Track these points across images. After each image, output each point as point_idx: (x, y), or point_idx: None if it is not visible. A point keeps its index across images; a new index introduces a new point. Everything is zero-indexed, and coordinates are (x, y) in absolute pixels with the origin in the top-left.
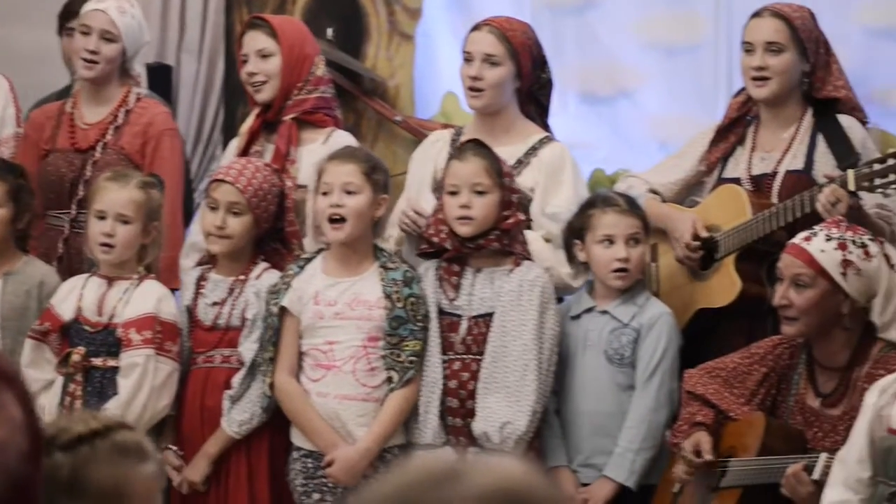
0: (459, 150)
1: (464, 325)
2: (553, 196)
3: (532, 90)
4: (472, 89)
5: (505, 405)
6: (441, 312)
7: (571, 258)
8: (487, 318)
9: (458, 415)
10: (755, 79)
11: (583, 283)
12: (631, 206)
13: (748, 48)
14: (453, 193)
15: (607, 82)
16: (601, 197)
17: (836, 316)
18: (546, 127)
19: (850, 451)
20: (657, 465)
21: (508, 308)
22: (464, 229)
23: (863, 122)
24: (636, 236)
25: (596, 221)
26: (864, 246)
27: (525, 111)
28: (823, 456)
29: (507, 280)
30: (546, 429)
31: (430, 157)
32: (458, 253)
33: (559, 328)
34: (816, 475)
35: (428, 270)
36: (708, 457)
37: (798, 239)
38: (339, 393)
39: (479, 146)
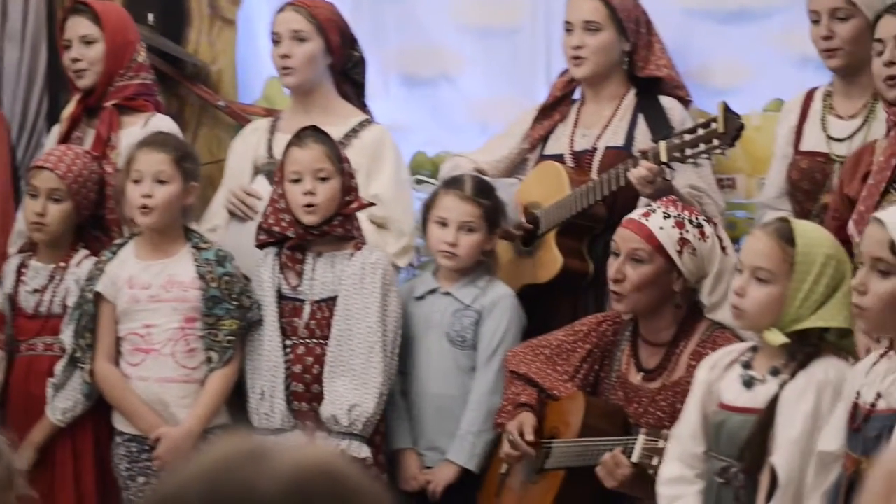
0: (298, 136)
1: (307, 310)
2: (375, 178)
3: (346, 69)
4: (283, 68)
5: (352, 388)
6: (282, 298)
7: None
8: (330, 302)
9: (304, 399)
10: (574, 58)
11: (408, 263)
12: (477, 193)
13: (568, 27)
14: (296, 181)
15: (428, 65)
16: (451, 179)
17: (667, 293)
18: (364, 107)
19: (683, 426)
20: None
21: (351, 291)
22: (309, 218)
23: (685, 100)
24: (470, 224)
25: (438, 201)
26: (699, 226)
27: (341, 91)
28: (641, 438)
29: (349, 264)
30: (391, 411)
31: (249, 145)
32: (302, 241)
33: (402, 310)
34: (635, 457)
35: (267, 256)
36: (529, 437)
37: (636, 215)
38: (160, 376)
39: (317, 132)
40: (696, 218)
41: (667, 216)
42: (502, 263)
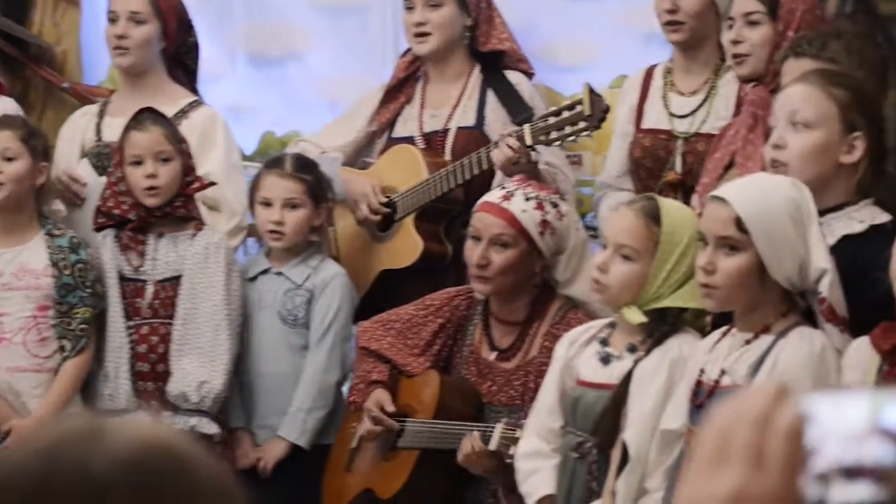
0: (137, 119)
1: (150, 290)
2: (205, 159)
3: (179, 54)
4: (117, 48)
5: (199, 365)
6: (124, 279)
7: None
8: (174, 281)
9: (149, 378)
10: (417, 34)
11: (240, 243)
12: (297, 169)
13: (409, 5)
14: (137, 164)
15: (276, 44)
16: (272, 158)
17: (529, 274)
18: (195, 92)
19: (541, 401)
20: (332, 425)
21: (196, 271)
22: (151, 200)
23: (529, 73)
24: (294, 201)
25: (260, 182)
26: (556, 205)
27: (173, 75)
28: (499, 427)
29: (192, 244)
30: None
31: (78, 129)
32: (144, 223)
33: (243, 289)
34: (493, 445)
35: (106, 238)
36: (390, 409)
37: (495, 198)
38: (11, 365)
39: (155, 114)
40: (552, 197)
41: (527, 198)
42: (359, 249)
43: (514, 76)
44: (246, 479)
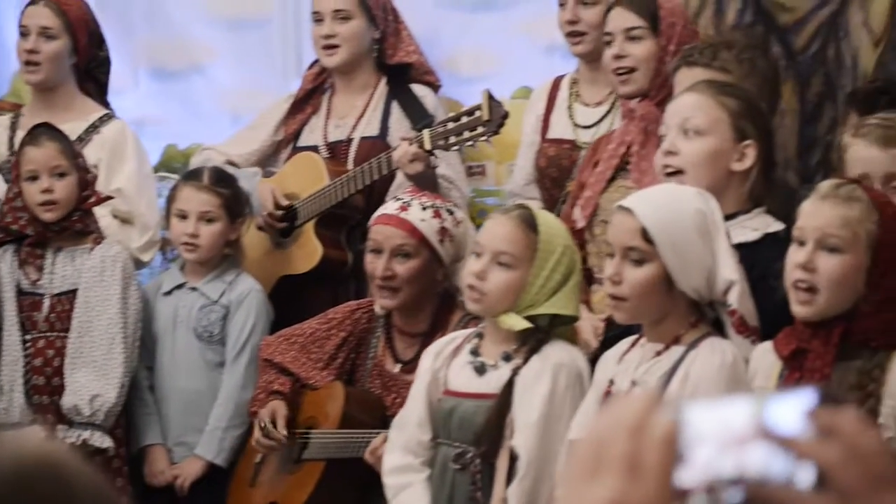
0: (32, 135)
1: (46, 304)
2: (117, 173)
3: (90, 67)
4: (28, 63)
5: (93, 378)
6: (22, 293)
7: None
8: (70, 295)
9: (45, 392)
10: (325, 47)
11: (152, 258)
12: (215, 182)
13: (318, 17)
14: (33, 179)
15: (178, 57)
16: (190, 171)
17: (432, 284)
18: (106, 105)
19: (408, 415)
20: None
21: (91, 284)
22: (48, 216)
23: (436, 85)
24: (209, 214)
25: (177, 194)
26: (452, 213)
27: (83, 89)
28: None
29: (89, 257)
30: (141, 406)
31: None
32: (41, 238)
33: (142, 303)
34: None
35: (6, 252)
36: (282, 430)
37: (392, 210)
38: None
39: (50, 129)
40: (447, 205)
41: (424, 207)
42: (260, 255)
43: (419, 89)
44: (162, 497)
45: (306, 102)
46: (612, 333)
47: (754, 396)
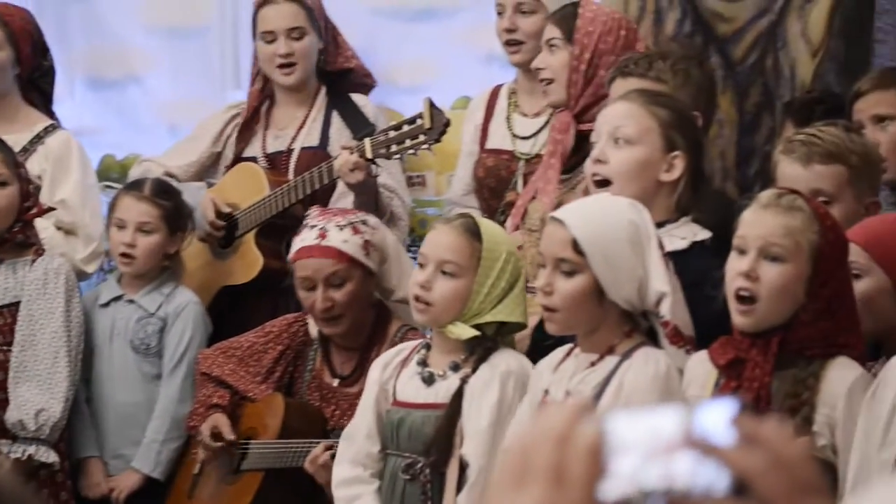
0: None
1: None
2: (61, 184)
3: (34, 77)
4: None
5: (38, 392)
6: None
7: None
8: (13, 308)
9: None
10: (282, 66)
11: (96, 269)
12: (155, 194)
13: (269, 38)
14: None
15: (115, 67)
16: (132, 181)
17: (369, 298)
18: (51, 115)
19: (357, 427)
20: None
21: (35, 297)
22: None
23: (373, 86)
24: (148, 225)
25: (117, 204)
26: (365, 221)
27: (28, 99)
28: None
29: (31, 270)
30: (77, 419)
31: None
32: None
33: (84, 315)
34: None
35: None
36: (230, 437)
37: (312, 240)
38: None
39: None
40: (358, 216)
41: (341, 228)
42: (200, 265)
43: (359, 98)
44: None
45: (253, 120)
46: (548, 342)
47: (680, 405)
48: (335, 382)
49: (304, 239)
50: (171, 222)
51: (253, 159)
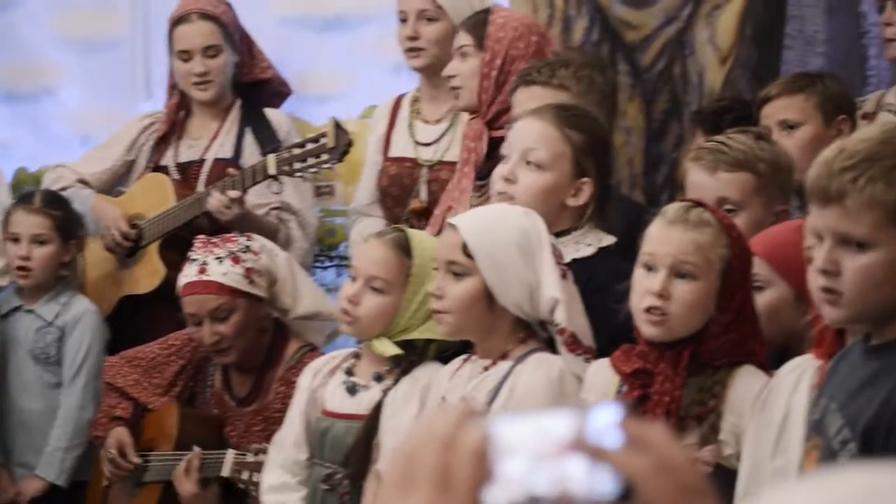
0: None
1: None
2: None
3: None
4: None
5: None
6: None
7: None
8: None
9: None
10: (198, 83)
11: (7, 283)
12: (46, 205)
13: (185, 57)
14: None
15: (27, 80)
16: (22, 195)
17: (260, 322)
18: None
19: (286, 434)
20: (89, 461)
21: None
22: None
23: (288, 94)
24: (41, 237)
25: (10, 218)
26: (247, 248)
27: None
28: (231, 452)
29: None
30: None
31: None
32: None
33: None
34: (226, 472)
35: None
36: (133, 459)
37: (193, 276)
38: None
39: None
40: (239, 243)
41: (220, 259)
42: (104, 275)
43: (273, 114)
44: None
45: (171, 133)
46: (450, 351)
47: (568, 409)
48: (233, 403)
49: (187, 274)
50: (63, 231)
51: (164, 168)
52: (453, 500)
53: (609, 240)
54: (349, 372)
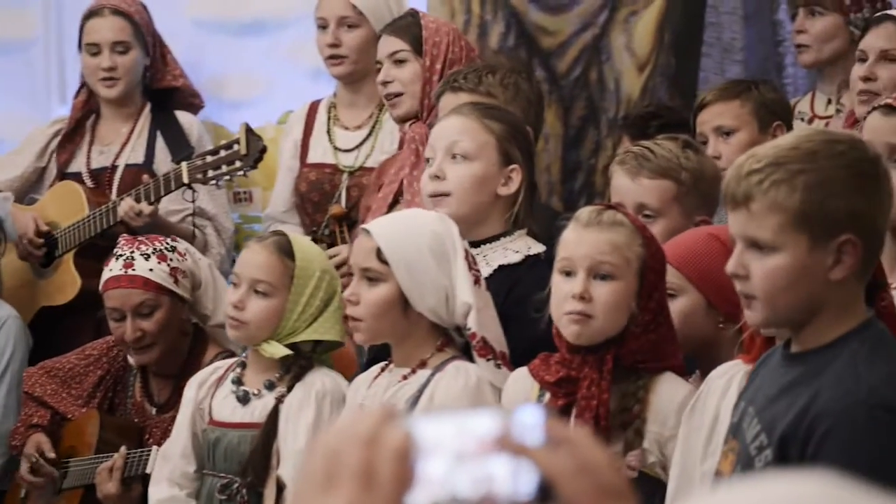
0: None
1: None
2: None
3: None
4: None
5: None
6: None
7: None
8: None
9: None
10: (105, 79)
11: None
12: None
13: (93, 51)
14: None
15: None
16: None
17: (180, 326)
18: None
19: (173, 446)
20: (9, 472)
21: None
22: None
23: (200, 106)
24: None
25: None
26: (174, 248)
27: None
28: (155, 449)
29: None
30: None
31: None
32: None
33: None
34: (150, 469)
35: None
36: (50, 455)
37: (118, 270)
38: None
39: None
40: (166, 243)
41: (147, 256)
42: (21, 283)
43: (184, 117)
44: None
45: (76, 132)
46: (369, 357)
47: (489, 410)
48: (153, 411)
49: (112, 269)
50: None
51: (77, 175)
52: (376, 498)
53: (538, 248)
54: (238, 381)
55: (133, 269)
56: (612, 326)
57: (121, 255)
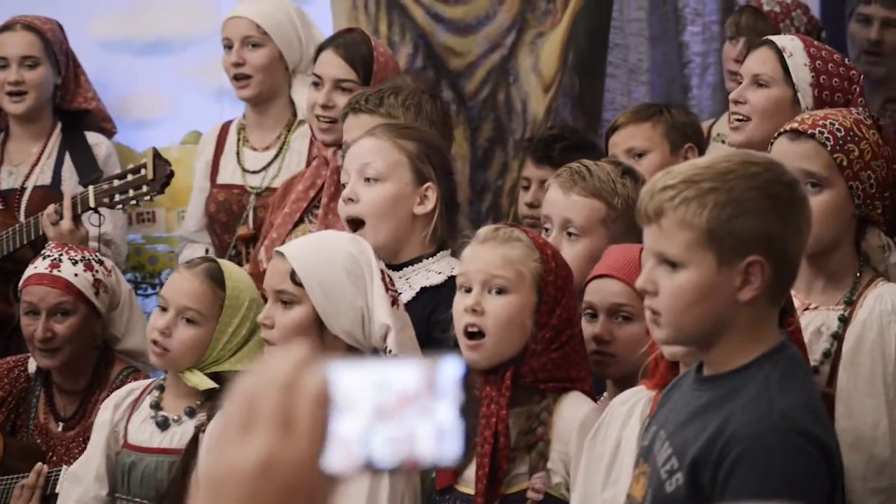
0: None
1: None
2: None
3: None
4: None
5: None
6: None
7: None
8: None
9: None
10: (11, 94)
11: None
12: None
13: (2, 64)
14: None
15: None
16: None
17: (92, 338)
18: None
19: (86, 468)
20: None
21: None
22: None
23: (112, 132)
24: None
25: None
26: (101, 262)
27: None
28: (64, 468)
29: None
30: None
31: None
32: None
33: None
34: (58, 489)
35: None
36: None
37: (43, 268)
38: None
39: None
40: (96, 255)
41: (75, 262)
42: None
43: (93, 137)
44: None
45: None
46: None
47: (409, 362)
48: (59, 427)
49: (37, 267)
50: None
51: None
52: (294, 442)
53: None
54: (156, 405)
55: (58, 271)
56: (507, 343)
57: (48, 256)
